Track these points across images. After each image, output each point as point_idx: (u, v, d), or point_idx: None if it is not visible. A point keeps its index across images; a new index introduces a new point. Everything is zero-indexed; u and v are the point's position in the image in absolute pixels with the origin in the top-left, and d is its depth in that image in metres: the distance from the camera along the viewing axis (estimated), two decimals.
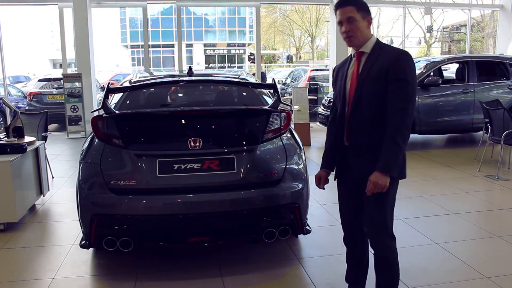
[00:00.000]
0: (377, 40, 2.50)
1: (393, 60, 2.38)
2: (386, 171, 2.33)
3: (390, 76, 2.36)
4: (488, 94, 8.08)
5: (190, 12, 45.90)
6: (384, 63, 2.38)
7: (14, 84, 17.68)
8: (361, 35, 2.45)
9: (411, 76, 2.37)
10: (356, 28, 2.43)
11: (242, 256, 3.60)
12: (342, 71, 2.63)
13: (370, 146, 2.44)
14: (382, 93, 2.38)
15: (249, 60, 42.76)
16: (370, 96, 2.42)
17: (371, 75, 2.41)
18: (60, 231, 4.31)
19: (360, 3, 2.45)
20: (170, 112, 3.59)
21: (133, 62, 47.72)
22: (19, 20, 38.93)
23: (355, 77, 2.50)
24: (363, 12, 2.44)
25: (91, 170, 3.21)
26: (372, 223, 2.55)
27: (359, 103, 2.45)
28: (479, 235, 4.08)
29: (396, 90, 2.35)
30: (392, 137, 2.33)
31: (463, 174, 6.21)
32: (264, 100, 3.78)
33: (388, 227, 2.54)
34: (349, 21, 2.43)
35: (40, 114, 6.36)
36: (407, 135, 2.36)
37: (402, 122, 2.34)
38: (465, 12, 14.43)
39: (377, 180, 2.33)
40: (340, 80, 2.62)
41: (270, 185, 3.25)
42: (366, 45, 2.48)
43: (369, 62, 2.45)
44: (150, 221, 3.14)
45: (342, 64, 2.68)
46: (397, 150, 2.34)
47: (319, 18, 38.10)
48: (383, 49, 2.45)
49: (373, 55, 2.45)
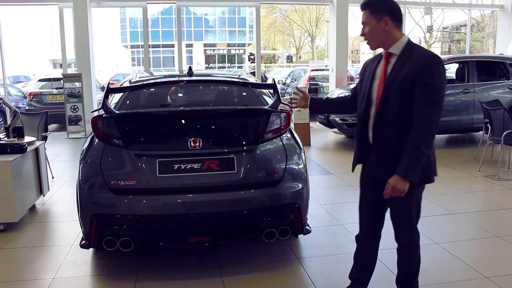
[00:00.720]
0: (408, 41, 2.43)
1: (422, 64, 2.32)
2: (406, 176, 2.32)
3: (417, 79, 2.31)
4: (488, 94, 8.08)
5: (190, 12, 45.90)
6: (412, 66, 2.33)
7: (14, 84, 17.68)
8: (376, 38, 2.42)
9: (440, 82, 2.32)
10: (369, 32, 2.41)
11: (242, 256, 3.60)
12: (370, 68, 2.58)
13: (395, 149, 2.42)
14: (408, 96, 2.34)
15: (249, 60, 42.79)
16: (396, 100, 2.38)
17: (398, 79, 2.37)
18: (60, 231, 4.31)
19: (375, 5, 2.40)
20: (170, 112, 3.59)
21: (133, 62, 47.72)
22: (19, 20, 38.93)
23: (382, 79, 2.46)
24: (378, 14, 2.38)
25: (91, 170, 3.21)
26: (397, 220, 2.57)
27: (385, 106, 2.42)
28: (479, 235, 4.08)
29: (423, 95, 2.30)
30: (415, 143, 2.30)
31: (463, 174, 6.21)
32: (264, 100, 3.79)
33: (413, 225, 2.55)
34: (364, 26, 2.44)
35: (40, 114, 6.36)
36: (431, 141, 2.34)
37: (426, 128, 2.30)
38: (465, 12, 14.44)
39: (396, 184, 2.32)
40: (366, 79, 2.58)
41: (270, 185, 3.25)
42: (395, 46, 2.42)
43: (398, 65, 2.40)
44: (150, 221, 3.14)
45: (371, 60, 2.63)
46: (418, 156, 2.31)
47: (319, 18, 38.11)
48: (413, 51, 2.39)
49: (403, 57, 2.40)
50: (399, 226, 2.58)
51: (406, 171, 2.31)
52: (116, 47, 49.05)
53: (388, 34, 2.41)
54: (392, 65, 2.43)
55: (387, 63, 2.46)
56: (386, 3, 2.41)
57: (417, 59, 2.35)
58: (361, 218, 2.79)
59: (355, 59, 37.23)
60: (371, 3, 2.42)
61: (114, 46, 48.15)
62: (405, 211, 2.51)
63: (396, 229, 2.60)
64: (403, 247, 2.62)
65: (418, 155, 2.31)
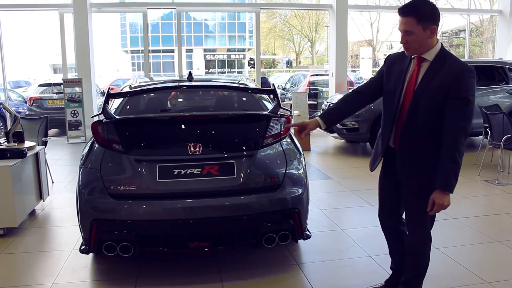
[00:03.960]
0: (442, 48, 2.40)
1: (457, 76, 2.30)
2: (447, 190, 2.33)
3: (452, 92, 2.30)
4: (488, 98, 8.09)
5: (190, 18, 45.97)
6: (447, 78, 2.31)
7: (14, 89, 17.69)
8: (420, 47, 2.37)
9: (472, 95, 2.32)
10: (413, 41, 2.34)
11: (242, 261, 3.60)
12: (400, 67, 2.51)
13: (420, 156, 2.43)
14: (440, 106, 2.33)
15: (249, 65, 42.82)
16: (426, 109, 2.37)
17: (431, 88, 2.35)
18: (60, 236, 4.30)
19: (423, 13, 2.30)
20: (170, 117, 3.59)
21: (133, 67, 47.76)
22: (20, 25, 39.02)
23: (412, 84, 2.43)
24: (426, 22, 2.30)
25: (91, 175, 3.21)
26: (412, 222, 2.59)
27: (415, 113, 2.41)
28: (479, 240, 4.07)
29: (457, 108, 2.30)
30: (451, 155, 2.31)
31: (463, 178, 6.21)
32: (263, 105, 3.79)
33: (426, 227, 2.57)
34: (407, 34, 2.34)
35: (40, 119, 6.37)
36: (463, 152, 2.35)
37: (460, 140, 2.32)
38: (464, 17, 14.49)
39: (442, 201, 2.33)
40: (396, 78, 2.51)
41: (270, 190, 3.25)
42: (429, 52, 2.38)
43: (430, 73, 2.37)
44: (150, 226, 3.14)
45: (399, 57, 2.56)
46: (456, 168, 2.32)
47: (318, 23, 38.16)
48: (447, 60, 2.36)
49: (436, 65, 2.36)
50: (413, 228, 2.60)
51: (446, 185, 2.33)
52: (116, 52, 49.11)
53: (430, 42, 2.37)
54: (424, 71, 2.40)
55: (419, 68, 2.43)
56: (433, 10, 2.33)
57: (452, 70, 2.32)
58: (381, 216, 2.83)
59: (355, 64, 37.30)
60: (417, 10, 2.31)
61: (114, 51, 48.21)
62: (422, 215, 2.51)
63: (410, 230, 2.61)
64: (414, 248, 2.62)
65: (455, 167, 2.32)
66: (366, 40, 34.31)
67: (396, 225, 2.81)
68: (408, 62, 2.50)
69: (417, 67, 2.44)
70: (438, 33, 2.36)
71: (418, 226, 2.57)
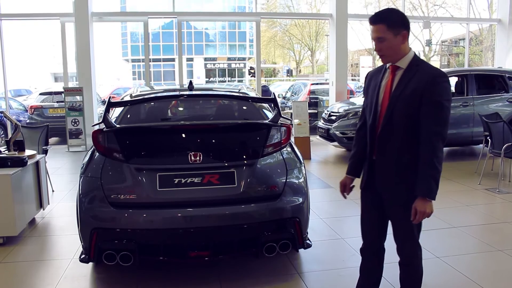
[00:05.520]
0: (415, 56, 2.43)
1: (430, 82, 2.31)
2: (428, 197, 2.31)
3: (425, 98, 2.30)
4: (488, 107, 8.10)
5: (191, 27, 46.19)
6: (419, 83, 2.32)
7: (15, 97, 17.73)
8: (394, 53, 2.38)
9: (447, 100, 2.32)
10: (386, 47, 2.37)
11: (242, 270, 3.58)
12: (375, 80, 2.56)
13: (398, 164, 2.42)
14: (414, 113, 2.34)
15: (250, 74, 42.95)
16: (401, 115, 2.38)
17: (404, 94, 2.36)
18: (60, 245, 4.29)
19: (392, 19, 2.35)
20: (171, 126, 3.60)
21: (134, 76, 47.89)
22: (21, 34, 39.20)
23: (387, 93, 2.44)
24: (396, 28, 2.34)
25: (92, 184, 3.21)
26: (399, 233, 2.56)
27: (390, 121, 2.41)
28: (480, 249, 4.06)
29: (431, 113, 2.31)
30: (430, 161, 2.30)
31: (463, 187, 6.20)
32: (264, 114, 3.80)
33: (415, 237, 2.54)
34: (379, 41, 2.37)
35: (41, 127, 6.38)
36: (442, 157, 2.34)
37: (438, 146, 2.31)
38: (463, 26, 14.54)
39: (424, 209, 2.30)
40: (372, 91, 2.55)
41: (270, 199, 3.25)
42: (402, 60, 2.41)
43: (404, 79, 2.39)
44: (150, 235, 3.13)
45: (376, 72, 2.61)
46: (436, 174, 2.31)
47: (318, 32, 38.33)
48: (420, 67, 2.38)
49: (409, 72, 2.39)
50: (401, 240, 2.57)
51: (427, 192, 2.31)
52: (117, 61, 49.28)
53: (403, 48, 2.40)
54: (398, 78, 2.42)
55: (393, 77, 2.45)
56: (402, 16, 2.38)
57: (425, 76, 2.33)
58: (363, 229, 2.76)
59: (355, 72, 37.41)
60: (386, 16, 2.36)
61: (115, 60, 48.38)
62: (408, 225, 2.49)
63: (399, 242, 2.58)
64: (405, 260, 2.60)
65: (435, 173, 2.31)
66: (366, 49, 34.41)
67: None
68: (383, 73, 2.53)
69: (392, 76, 2.46)
70: (435, 43, 2.38)
71: (406, 237, 2.53)
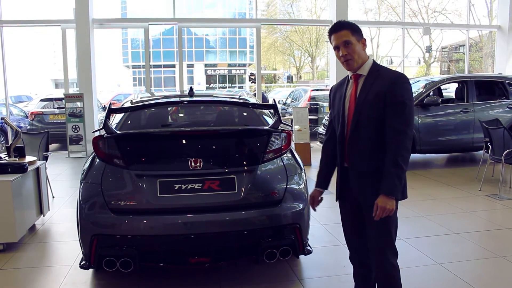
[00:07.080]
0: (374, 62, 2.54)
1: (390, 84, 2.40)
2: (391, 194, 2.35)
3: (388, 99, 2.39)
4: (488, 113, 8.10)
5: (191, 33, 46.35)
6: (381, 87, 2.41)
7: (16, 103, 17.78)
8: (358, 58, 2.47)
9: (409, 99, 2.41)
10: (353, 51, 2.46)
11: (243, 277, 3.57)
12: (340, 92, 2.64)
13: (369, 168, 2.46)
14: (380, 116, 2.41)
15: (250, 80, 43.03)
16: (368, 119, 2.44)
17: (368, 99, 2.44)
18: (60, 252, 4.28)
19: (354, 26, 2.49)
20: (171, 132, 3.60)
21: (134, 82, 48.01)
22: (22, 41, 39.35)
23: (353, 100, 2.52)
24: (357, 35, 2.47)
25: (92, 190, 3.21)
26: (376, 242, 2.54)
27: (358, 126, 2.48)
28: (481, 255, 4.05)
29: (395, 113, 2.38)
30: (394, 160, 2.35)
31: (464, 193, 6.19)
32: (264, 120, 3.80)
33: (392, 245, 2.54)
34: (346, 45, 2.46)
35: (41, 133, 6.39)
36: (407, 156, 2.38)
37: (402, 145, 2.36)
38: (463, 33, 14.58)
39: (385, 204, 2.34)
40: (338, 102, 2.63)
41: (270, 205, 3.24)
42: (363, 68, 2.51)
43: (367, 85, 2.47)
44: (151, 242, 3.12)
45: (339, 85, 2.70)
46: (399, 173, 2.35)
47: (319, 39, 38.45)
48: (380, 72, 2.48)
49: (370, 77, 2.48)
50: (379, 248, 2.53)
51: (390, 189, 2.35)
52: (118, 67, 49.42)
53: (364, 55, 2.51)
54: (361, 85, 2.50)
55: (356, 85, 2.52)
56: (357, 26, 2.51)
57: (386, 79, 2.43)
58: (347, 237, 2.79)
59: None
60: (348, 24, 2.49)
61: (115, 66, 48.52)
62: (386, 230, 2.49)
63: (377, 250, 2.54)
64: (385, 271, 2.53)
65: (399, 171, 2.35)
66: None
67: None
68: (346, 84, 2.61)
69: (355, 84, 2.53)
70: (436, 49, 2.43)
71: (383, 244, 2.50)
